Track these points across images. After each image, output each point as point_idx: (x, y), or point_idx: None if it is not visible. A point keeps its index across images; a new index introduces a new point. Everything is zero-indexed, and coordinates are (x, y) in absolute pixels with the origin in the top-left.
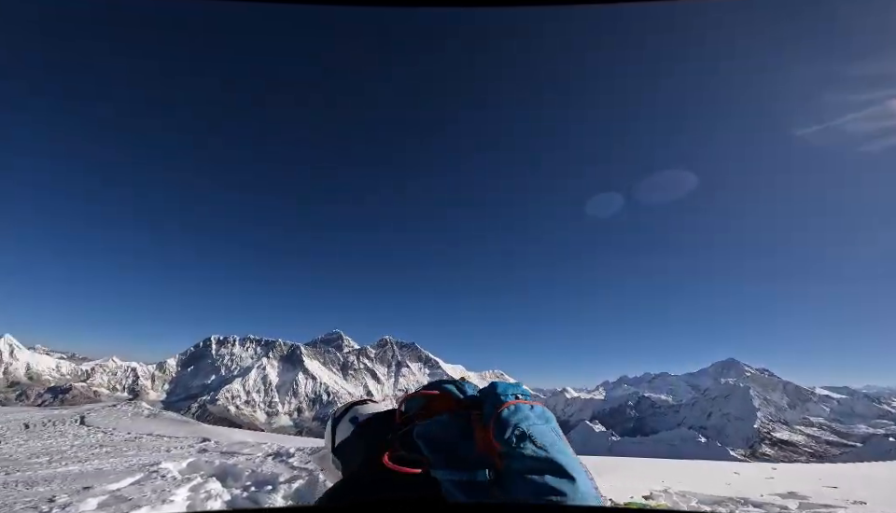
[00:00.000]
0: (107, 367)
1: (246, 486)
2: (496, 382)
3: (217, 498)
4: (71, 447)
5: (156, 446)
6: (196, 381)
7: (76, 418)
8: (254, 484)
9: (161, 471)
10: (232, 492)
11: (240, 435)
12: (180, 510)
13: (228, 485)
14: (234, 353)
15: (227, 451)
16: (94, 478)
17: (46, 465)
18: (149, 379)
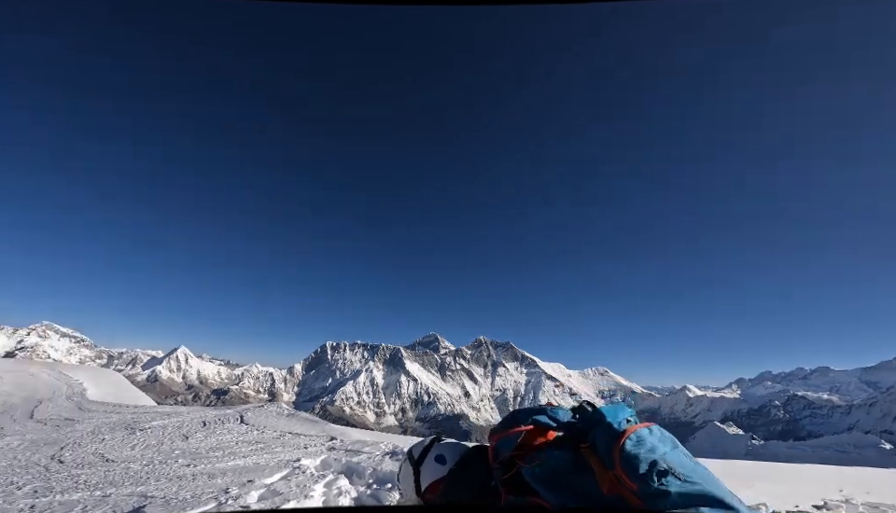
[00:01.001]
0: (252, 372)
1: (369, 484)
2: (601, 410)
3: (346, 495)
4: (236, 443)
5: (296, 443)
6: (317, 383)
7: (237, 417)
8: (375, 482)
9: (302, 467)
10: (358, 489)
11: (359, 434)
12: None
13: (354, 483)
14: (346, 358)
15: (351, 449)
16: (254, 472)
17: (220, 459)
18: (283, 382)
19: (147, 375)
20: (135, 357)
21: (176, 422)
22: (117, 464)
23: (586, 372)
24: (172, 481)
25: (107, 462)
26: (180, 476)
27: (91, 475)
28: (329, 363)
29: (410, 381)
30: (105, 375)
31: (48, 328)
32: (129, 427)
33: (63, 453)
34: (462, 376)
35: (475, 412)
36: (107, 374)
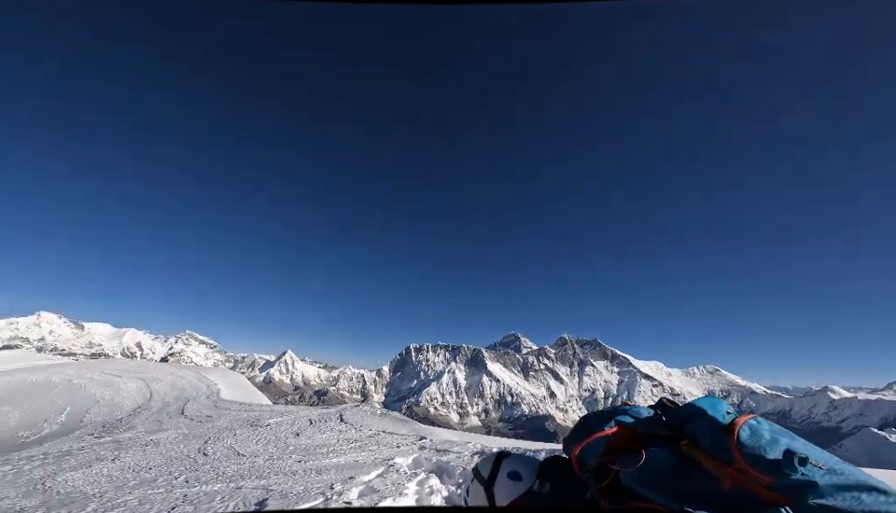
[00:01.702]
0: (346, 374)
1: (459, 483)
2: (696, 404)
3: (437, 494)
4: (337, 441)
5: (389, 442)
6: (403, 384)
7: (337, 416)
8: (465, 481)
9: (396, 466)
10: (448, 488)
11: (447, 434)
12: (410, 504)
13: (444, 481)
14: (429, 359)
15: (440, 449)
16: (353, 469)
17: (325, 456)
18: (372, 383)
19: (262, 377)
20: (254, 361)
21: (289, 420)
22: (246, 458)
23: (691, 371)
24: (287, 476)
25: (238, 455)
26: (294, 471)
27: (227, 467)
28: (413, 364)
29: (492, 381)
30: (233, 377)
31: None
32: (253, 424)
33: (207, 447)
34: (546, 376)
35: (562, 413)
36: (234, 376)
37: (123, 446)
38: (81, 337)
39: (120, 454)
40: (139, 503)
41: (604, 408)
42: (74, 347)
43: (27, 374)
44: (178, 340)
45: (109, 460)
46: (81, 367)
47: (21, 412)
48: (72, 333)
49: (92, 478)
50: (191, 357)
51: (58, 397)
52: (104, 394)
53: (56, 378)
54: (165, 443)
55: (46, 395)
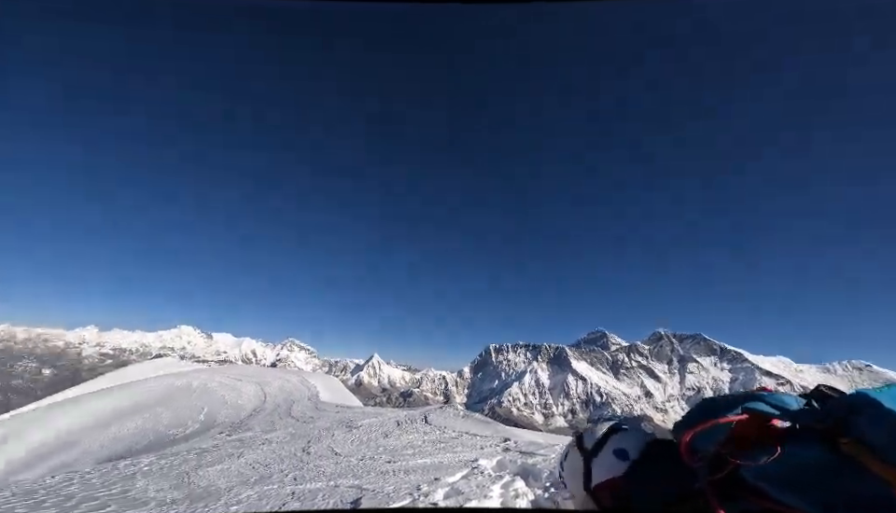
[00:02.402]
0: (429, 376)
1: (546, 486)
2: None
3: (523, 497)
4: (423, 442)
5: (473, 444)
6: (485, 385)
7: (422, 418)
8: (553, 485)
9: (480, 467)
10: (535, 491)
11: (532, 435)
12: (495, 505)
13: (530, 484)
14: (509, 360)
15: (525, 451)
16: (438, 470)
17: (412, 457)
18: (454, 385)
19: (353, 380)
20: (345, 365)
21: (378, 421)
22: (342, 458)
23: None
24: (378, 476)
25: (336, 455)
26: (384, 471)
27: (327, 466)
28: (493, 365)
29: (578, 380)
30: (329, 380)
31: (292, 344)
32: (347, 425)
33: (310, 446)
34: (640, 374)
35: (661, 414)
36: (330, 380)
37: (245, 444)
38: (211, 345)
39: (244, 452)
40: (258, 498)
41: (732, 392)
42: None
43: (174, 379)
44: (283, 347)
45: (236, 457)
46: (212, 373)
47: (171, 412)
48: (203, 342)
49: (224, 474)
50: (294, 362)
51: (197, 399)
52: (229, 396)
53: (195, 382)
54: (277, 442)
55: (188, 397)
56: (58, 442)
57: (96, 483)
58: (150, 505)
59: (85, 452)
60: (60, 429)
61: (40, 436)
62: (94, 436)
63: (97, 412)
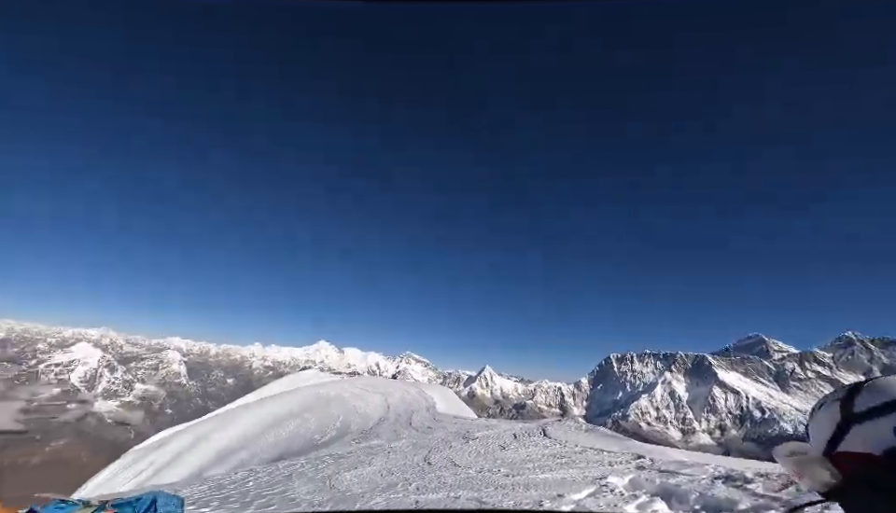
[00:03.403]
0: (543, 388)
1: (695, 509)
2: None
3: None
4: (542, 456)
5: (599, 460)
6: (606, 397)
7: (540, 430)
8: (703, 508)
9: (609, 485)
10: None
11: (675, 453)
12: None
13: (674, 507)
14: (635, 370)
15: (665, 470)
16: (561, 486)
17: (531, 471)
18: (571, 397)
19: (466, 391)
20: (458, 377)
21: (495, 433)
22: (461, 470)
23: None
24: (497, 490)
25: (455, 466)
26: (503, 485)
27: (448, 477)
28: (616, 376)
29: (727, 392)
30: (445, 392)
31: (409, 357)
32: (464, 437)
33: (430, 456)
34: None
35: None
36: (446, 391)
37: (374, 452)
38: (342, 359)
39: (372, 459)
40: (386, 504)
41: None
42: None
43: (316, 389)
44: (402, 360)
45: (366, 464)
46: (345, 384)
47: (315, 419)
48: (337, 356)
49: (358, 479)
50: (412, 374)
51: (334, 408)
52: (359, 405)
53: (332, 392)
54: (400, 451)
55: (328, 405)
56: (237, 442)
57: (264, 482)
58: (302, 505)
59: (255, 453)
60: (238, 431)
61: (225, 436)
62: (262, 439)
63: (263, 417)
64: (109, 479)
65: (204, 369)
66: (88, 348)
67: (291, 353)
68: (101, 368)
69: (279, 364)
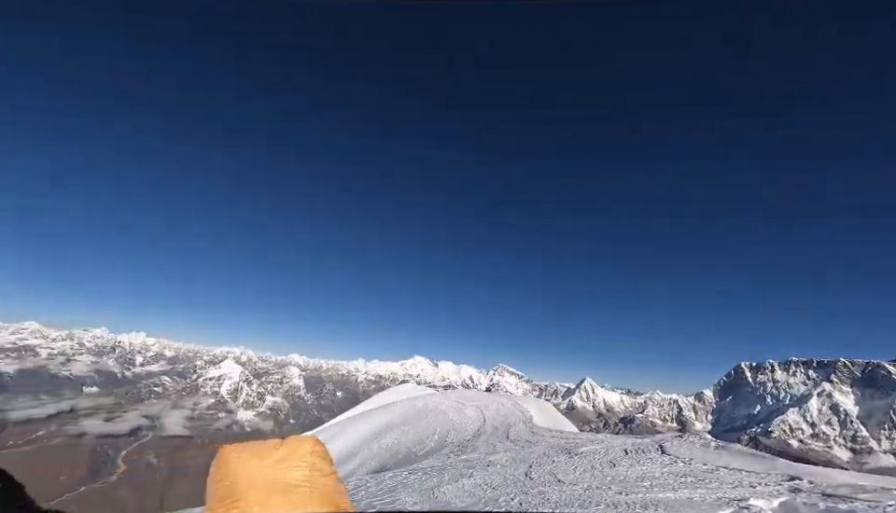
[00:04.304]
0: (655, 400)
1: None
2: None
3: None
4: (661, 474)
5: (736, 480)
6: (739, 411)
7: (655, 446)
8: None
9: (752, 508)
10: None
11: (843, 476)
12: None
13: None
14: (776, 380)
15: (831, 494)
16: (688, 507)
17: (648, 489)
18: (691, 410)
19: (565, 404)
20: (555, 389)
21: (601, 448)
22: (566, 486)
23: None
24: (609, 508)
25: (559, 482)
26: (615, 503)
27: (551, 493)
28: (750, 387)
29: None
30: (541, 404)
31: (502, 369)
32: (566, 451)
33: (531, 471)
34: None
35: None
36: (543, 403)
37: (472, 465)
38: (437, 373)
39: (472, 473)
40: None
41: None
42: (434, 380)
43: (414, 402)
44: (495, 372)
45: (466, 477)
46: (441, 397)
47: (414, 431)
48: (432, 370)
49: (459, 492)
50: (505, 387)
51: (432, 420)
52: (455, 418)
53: (429, 405)
54: (500, 465)
55: (425, 418)
56: (347, 452)
57: (373, 492)
58: None
59: (362, 463)
60: (347, 441)
61: (337, 446)
62: (367, 449)
63: (368, 429)
64: None
65: (319, 383)
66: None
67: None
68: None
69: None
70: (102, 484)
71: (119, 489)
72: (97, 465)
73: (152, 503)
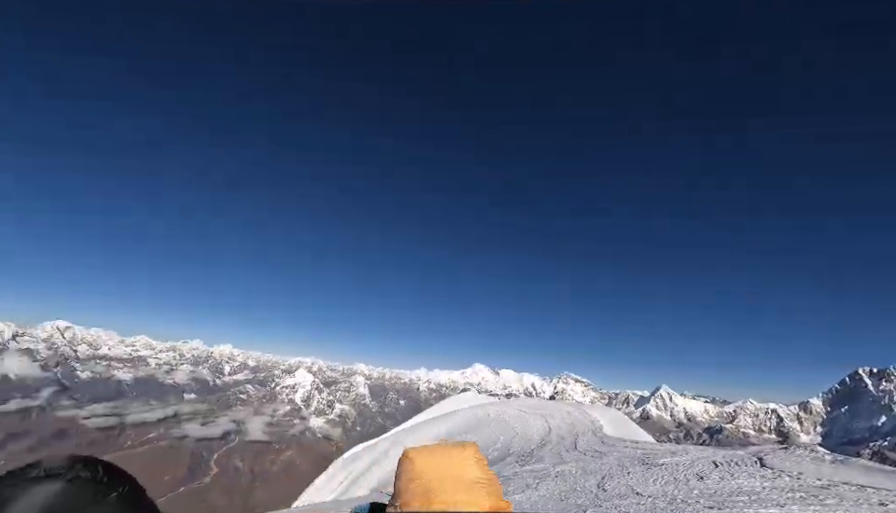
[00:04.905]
0: (747, 409)
1: None
2: None
3: None
4: (762, 488)
5: (861, 498)
6: (856, 422)
7: (753, 459)
8: None
9: None
10: None
11: None
12: None
13: None
14: None
15: None
16: None
17: (746, 505)
18: (794, 420)
19: (639, 413)
20: (627, 397)
21: (686, 460)
22: (646, 499)
23: None
24: None
25: (637, 495)
26: None
27: (629, 506)
28: (871, 395)
29: None
30: (612, 413)
31: (567, 377)
32: (644, 462)
33: (605, 482)
34: None
35: None
36: (613, 412)
37: (538, 475)
38: (498, 381)
39: (539, 483)
40: None
41: None
42: (495, 389)
43: (477, 410)
44: (559, 380)
45: (533, 487)
46: (503, 405)
47: (476, 440)
48: (493, 378)
49: (528, 503)
50: (571, 395)
51: (494, 429)
52: (519, 427)
53: (491, 413)
54: (569, 475)
55: (487, 426)
56: None
57: None
58: None
59: None
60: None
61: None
62: None
63: (430, 437)
64: (319, 489)
65: (382, 392)
66: (304, 373)
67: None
68: (312, 390)
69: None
70: (197, 485)
71: (211, 490)
72: (194, 467)
73: (238, 504)
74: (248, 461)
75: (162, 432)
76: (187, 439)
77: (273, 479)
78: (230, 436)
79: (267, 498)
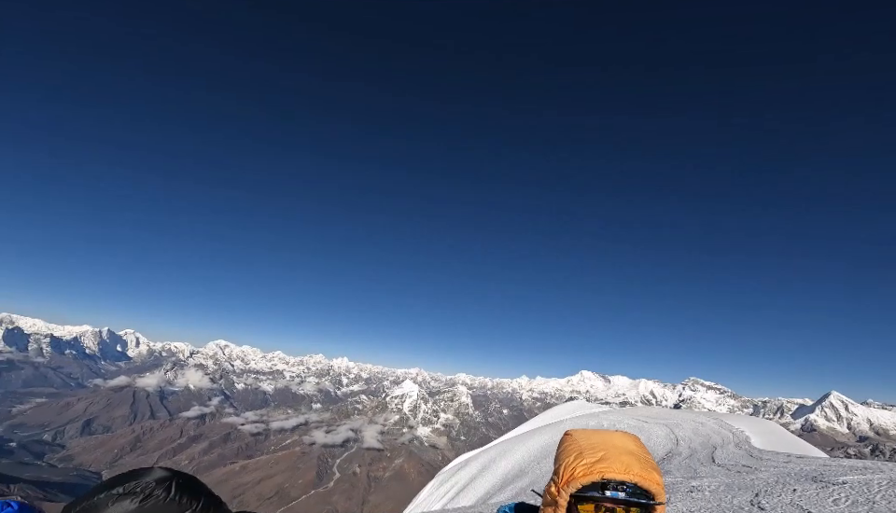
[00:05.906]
0: None
1: None
2: None
3: None
4: None
5: None
6: None
7: None
8: None
9: None
10: None
11: None
12: None
13: None
14: None
15: None
16: None
17: None
18: None
19: (800, 424)
20: (781, 406)
21: (881, 479)
22: None
23: None
24: None
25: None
26: None
27: None
28: None
29: None
30: (763, 424)
31: (695, 383)
32: (815, 479)
33: (760, 500)
34: None
35: None
36: (765, 423)
37: (669, 489)
38: (609, 388)
39: (671, 497)
40: None
41: None
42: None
43: (588, 419)
44: (685, 387)
45: (667, 503)
46: (619, 414)
47: None
48: (602, 385)
49: None
50: (702, 403)
51: None
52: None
53: (605, 423)
54: (708, 490)
55: None
56: (515, 471)
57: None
58: None
59: (532, 482)
60: (516, 459)
61: (506, 464)
62: (537, 468)
63: (537, 446)
64: (426, 497)
65: (485, 401)
66: (411, 384)
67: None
68: (419, 400)
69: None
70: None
71: (334, 494)
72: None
73: (357, 509)
74: (364, 467)
75: (297, 438)
76: (315, 446)
77: (386, 485)
78: (349, 443)
79: (383, 501)
